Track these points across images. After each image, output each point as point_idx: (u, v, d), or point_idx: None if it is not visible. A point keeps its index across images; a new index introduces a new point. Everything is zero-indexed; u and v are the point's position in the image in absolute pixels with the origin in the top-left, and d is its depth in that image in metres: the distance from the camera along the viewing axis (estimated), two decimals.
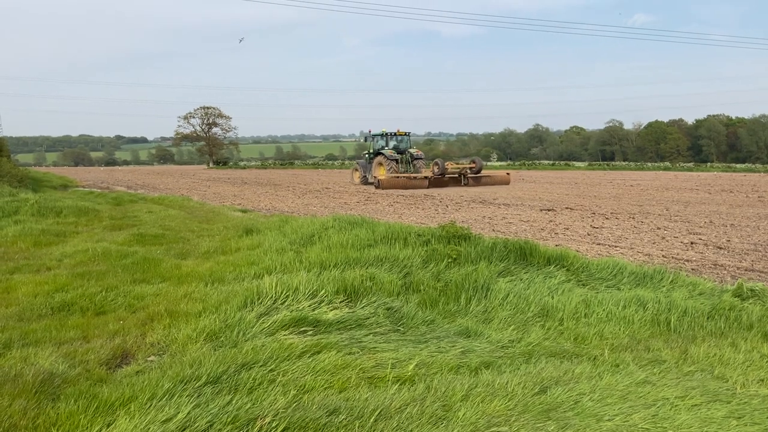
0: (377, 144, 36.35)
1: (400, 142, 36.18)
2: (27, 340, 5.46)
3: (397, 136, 36.17)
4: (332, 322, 5.71)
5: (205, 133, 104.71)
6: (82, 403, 3.93)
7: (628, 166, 71.33)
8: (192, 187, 35.35)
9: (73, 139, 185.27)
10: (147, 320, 6.12)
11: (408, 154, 35.08)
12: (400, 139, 36.32)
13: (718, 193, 26.25)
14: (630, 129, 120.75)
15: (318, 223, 11.11)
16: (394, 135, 36.11)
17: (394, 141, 36.07)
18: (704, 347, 5.40)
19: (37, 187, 27.22)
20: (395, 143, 35.97)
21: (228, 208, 20.31)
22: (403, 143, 36.31)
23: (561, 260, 8.12)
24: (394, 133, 36.11)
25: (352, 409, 3.81)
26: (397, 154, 34.48)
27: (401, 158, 34.46)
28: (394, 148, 35.26)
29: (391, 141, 36.03)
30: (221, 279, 7.84)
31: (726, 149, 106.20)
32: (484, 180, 33.40)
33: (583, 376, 4.59)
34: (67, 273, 8.31)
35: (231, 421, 3.61)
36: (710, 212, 17.78)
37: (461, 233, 8.87)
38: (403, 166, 34.30)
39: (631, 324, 6.15)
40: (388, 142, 35.98)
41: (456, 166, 33.61)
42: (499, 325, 6.11)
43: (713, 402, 4.19)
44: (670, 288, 7.33)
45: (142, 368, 4.80)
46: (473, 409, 3.90)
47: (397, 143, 36.04)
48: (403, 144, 36.22)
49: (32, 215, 14.92)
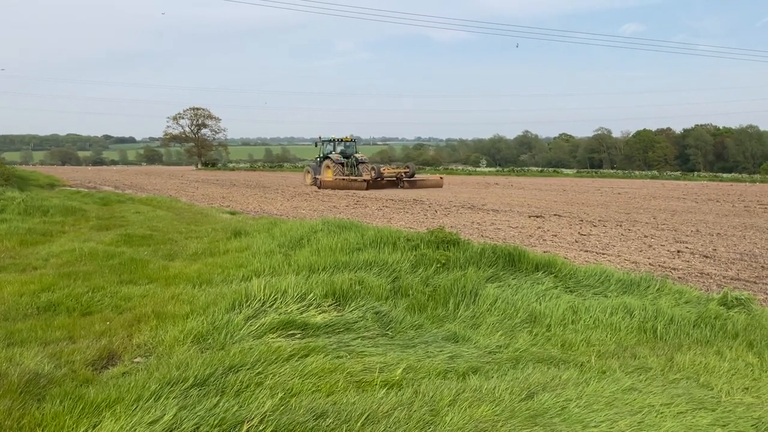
0: (326, 148, 39.90)
1: (347, 148, 39.68)
2: (12, 339, 5.40)
3: (345, 141, 39.90)
4: (320, 325, 5.70)
5: (194, 134, 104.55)
6: (67, 404, 3.90)
7: (615, 174, 71.81)
8: (180, 188, 35.21)
9: (60, 138, 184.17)
10: (134, 321, 6.08)
11: (354, 159, 38.21)
12: (348, 144, 39.95)
13: (705, 202, 26.45)
14: (618, 137, 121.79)
15: (307, 226, 11.09)
16: (341, 141, 39.85)
17: (342, 146, 39.67)
18: (690, 355, 5.44)
19: (23, 186, 27.01)
20: (342, 148, 39.49)
21: (216, 209, 20.24)
22: (350, 148, 39.80)
23: (549, 267, 8.15)
24: (342, 139, 39.91)
25: (339, 413, 3.81)
26: (343, 158, 37.85)
27: (347, 162, 37.65)
28: (341, 153, 38.81)
29: (338, 146, 39.68)
30: (209, 281, 7.81)
31: (713, 159, 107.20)
32: (419, 183, 37.24)
33: (569, 382, 4.61)
34: (54, 273, 8.24)
35: (218, 424, 3.59)
36: (697, 221, 17.91)
37: (450, 238, 8.88)
38: (349, 169, 37.36)
39: (618, 331, 6.19)
40: (336, 147, 39.65)
41: (392, 171, 37.08)
42: (487, 331, 6.12)
43: (698, 410, 4.22)
44: (656, 296, 7.37)
45: (128, 369, 4.77)
46: (461, 414, 3.90)
47: (345, 148, 39.52)
48: (349, 149, 39.64)
49: (18, 214, 14.82)
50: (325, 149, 40.10)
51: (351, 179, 35.18)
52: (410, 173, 37.20)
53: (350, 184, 34.54)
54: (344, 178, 35.30)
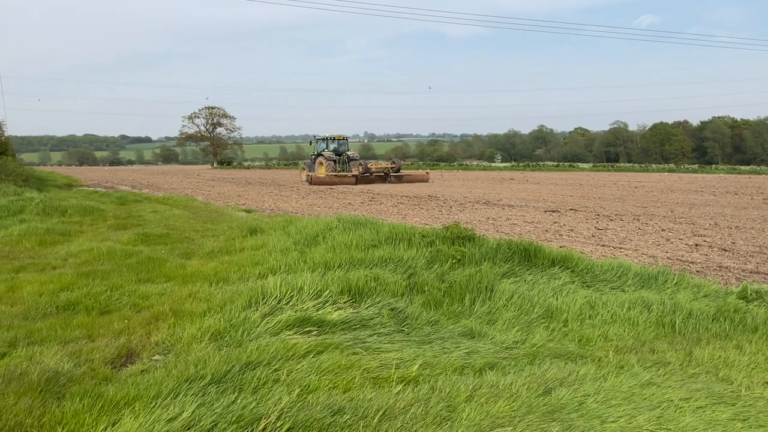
0: (320, 146, 42.50)
1: (340, 145, 41.91)
2: (32, 338, 5.47)
3: (337, 140, 42.20)
4: (336, 322, 5.72)
5: (210, 132, 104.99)
6: (87, 402, 3.94)
7: (632, 167, 71.28)
8: (196, 187, 35.41)
9: (77, 139, 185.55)
10: (152, 320, 6.13)
11: (345, 156, 40.44)
12: (340, 142, 42.19)
13: (723, 195, 26.18)
14: (635, 130, 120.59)
15: (322, 223, 11.11)
16: (334, 139, 42.20)
17: (335, 144, 41.92)
18: (709, 349, 5.39)
19: (41, 187, 27.29)
20: (335, 146, 41.72)
21: (232, 208, 20.33)
22: (342, 146, 42.02)
23: (565, 262, 8.11)
24: (334, 137, 42.24)
25: (356, 409, 3.81)
26: (335, 155, 40.12)
27: (339, 159, 39.91)
28: (333, 150, 40.99)
29: (331, 144, 41.92)
30: (226, 279, 7.85)
31: (731, 151, 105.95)
32: (405, 178, 39.35)
33: (587, 377, 4.59)
34: (72, 272, 8.32)
35: (235, 421, 3.61)
36: (715, 214, 17.74)
37: (465, 234, 8.86)
38: (340, 165, 39.61)
39: (635, 325, 6.14)
40: (329, 145, 41.89)
41: (379, 166, 39.23)
42: (504, 326, 6.10)
43: (718, 404, 4.18)
44: (674, 290, 7.31)
45: (146, 367, 4.81)
46: (477, 409, 3.90)
47: (337, 146, 41.75)
48: (342, 147, 41.85)
49: (37, 214, 14.97)
50: (318, 147, 42.57)
51: (341, 175, 37.45)
52: (396, 168, 39.30)
53: (340, 179, 36.76)
54: (336, 174, 37.47)
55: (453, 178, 46.75)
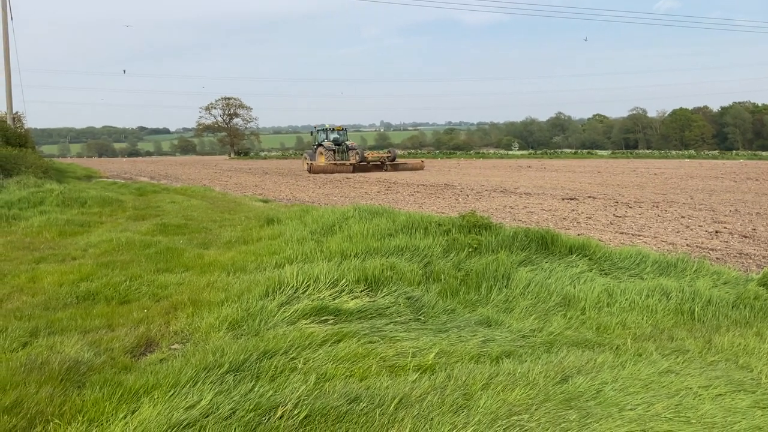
0: (320, 137, 44.12)
1: (339, 135, 43.35)
2: (53, 328, 5.54)
3: (336, 130, 43.83)
4: (353, 311, 5.73)
5: (227, 123, 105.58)
6: (107, 391, 3.99)
7: (651, 154, 70.64)
8: (214, 178, 35.61)
9: (96, 131, 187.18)
10: (170, 309, 6.19)
11: (344, 146, 41.75)
12: (340, 133, 43.72)
13: (744, 181, 25.86)
14: (654, 117, 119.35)
15: (338, 212, 11.13)
16: (333, 129, 43.90)
17: (334, 134, 43.40)
18: (729, 337, 5.33)
19: (61, 178, 27.57)
20: (335, 136, 43.13)
21: (249, 198, 20.43)
22: (342, 136, 43.44)
23: (583, 249, 8.06)
24: (334, 128, 43.98)
25: (372, 397, 3.83)
26: (335, 145, 41.55)
27: (338, 149, 41.23)
28: (333, 140, 42.41)
29: (331, 134, 43.45)
30: (243, 268, 7.89)
31: (752, 137, 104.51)
32: (401, 166, 41.10)
33: (605, 365, 4.56)
34: (92, 262, 8.41)
35: (253, 408, 3.64)
36: (735, 201, 17.53)
37: (482, 222, 8.83)
38: (339, 155, 40.88)
39: (654, 313, 6.10)
40: (329, 135, 43.42)
41: (375, 155, 41.26)
42: (520, 315, 6.08)
43: (737, 392, 4.15)
44: (694, 277, 7.24)
45: (165, 356, 4.86)
46: (494, 397, 3.89)
47: (337, 136, 43.15)
48: (341, 137, 43.29)
49: (57, 206, 15.13)
50: (319, 137, 44.18)
51: (339, 164, 38.85)
52: (392, 157, 40.96)
53: (339, 168, 38.16)
54: (334, 163, 38.98)
55: (470, 167, 46.63)
